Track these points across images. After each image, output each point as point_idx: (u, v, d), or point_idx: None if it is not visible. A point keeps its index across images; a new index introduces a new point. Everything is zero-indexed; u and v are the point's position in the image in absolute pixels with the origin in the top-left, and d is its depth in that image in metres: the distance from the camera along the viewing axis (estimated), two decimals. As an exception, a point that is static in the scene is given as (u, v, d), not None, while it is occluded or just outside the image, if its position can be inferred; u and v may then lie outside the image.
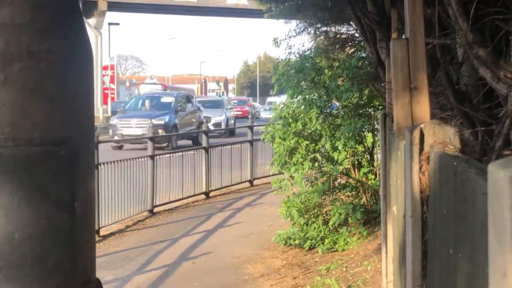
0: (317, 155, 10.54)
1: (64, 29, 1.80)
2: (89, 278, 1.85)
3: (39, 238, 1.70)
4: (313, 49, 11.60)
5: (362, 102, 10.37)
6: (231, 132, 34.87)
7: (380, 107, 9.50)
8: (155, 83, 66.76)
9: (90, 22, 42.18)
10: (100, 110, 42.73)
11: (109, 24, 53.61)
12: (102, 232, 11.60)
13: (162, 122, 28.88)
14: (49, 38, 1.75)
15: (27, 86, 1.71)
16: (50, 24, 1.76)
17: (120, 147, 26.11)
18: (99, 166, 11.58)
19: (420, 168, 2.81)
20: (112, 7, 45.96)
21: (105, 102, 48.35)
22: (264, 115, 59.59)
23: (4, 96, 1.69)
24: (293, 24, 12.20)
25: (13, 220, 1.68)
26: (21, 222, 1.68)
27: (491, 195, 1.27)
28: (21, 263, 1.68)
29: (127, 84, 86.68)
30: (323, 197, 10.22)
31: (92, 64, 1.91)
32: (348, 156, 10.09)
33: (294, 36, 11.84)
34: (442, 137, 2.74)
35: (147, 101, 31.94)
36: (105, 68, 51.55)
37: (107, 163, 12.00)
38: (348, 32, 11.42)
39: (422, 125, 2.82)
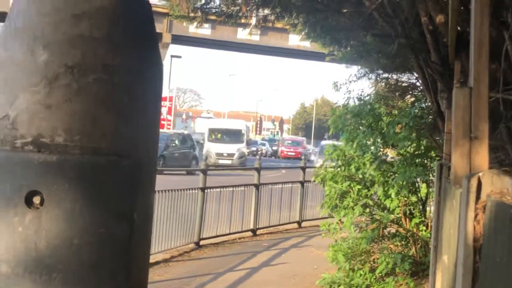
0: (369, 200, 10.47)
1: (139, 45, 1.86)
2: (141, 290, 1.88)
3: (97, 245, 1.73)
4: (372, 95, 11.60)
5: (419, 152, 10.29)
6: None
7: (437, 158, 9.41)
8: (210, 118, 67.57)
9: (159, 48, 42.88)
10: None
11: (172, 56, 54.48)
12: (148, 259, 11.65)
13: None
14: (123, 53, 1.80)
15: (99, 98, 1.76)
16: (126, 40, 1.82)
17: None
18: (151, 194, 11.66)
19: (475, 216, 2.78)
20: (176, 40, 46.70)
21: (161, 133, 49.03)
22: (314, 158, 59.31)
23: (76, 105, 1.75)
24: (354, 69, 12.23)
25: (74, 226, 1.72)
26: (81, 229, 1.72)
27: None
28: (78, 268, 1.72)
29: (184, 116, 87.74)
30: (371, 244, 10.14)
31: (162, 81, 1.96)
32: (400, 205, 10.01)
33: (354, 81, 11.87)
34: (500, 187, 2.72)
35: None
36: (163, 99, 52.20)
37: (157, 191, 12.10)
38: (409, 81, 11.41)
39: (480, 174, 2.80)
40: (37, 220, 1.72)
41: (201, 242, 13.92)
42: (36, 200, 1.72)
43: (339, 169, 10.69)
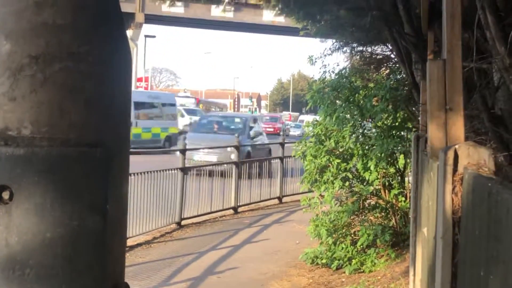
0: (348, 174, 10.50)
1: (105, 31, 1.81)
2: (118, 282, 1.85)
3: (71, 238, 1.70)
4: (348, 69, 11.59)
5: (396, 123, 10.32)
6: None
7: (413, 130, 9.45)
8: (188, 97, 67.15)
9: (127, 34, 42.62)
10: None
11: (146, 36, 54.12)
12: (129, 242, 11.63)
13: None
14: (89, 40, 1.76)
15: (66, 87, 1.72)
16: (91, 26, 1.77)
17: None
18: (129, 176, 11.58)
19: (453, 189, 2.78)
20: (149, 19, 46.40)
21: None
22: (293, 132, 58.94)
23: (43, 96, 1.70)
24: (329, 43, 12.22)
25: (45, 220, 1.68)
26: (53, 222, 1.69)
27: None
28: (51, 263, 1.69)
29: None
30: (352, 217, 10.18)
31: (130, 68, 1.92)
32: (379, 177, 10.05)
33: (329, 55, 11.86)
34: (477, 159, 2.72)
35: None
36: (139, 79, 51.95)
37: (137, 173, 12.05)
38: (384, 53, 11.41)
39: (456, 146, 2.79)
40: (7, 215, 1.68)
41: (183, 222, 13.90)
42: (5, 195, 1.68)
43: (321, 145, 10.69)
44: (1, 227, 1.68)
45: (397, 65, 10.14)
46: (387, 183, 10.30)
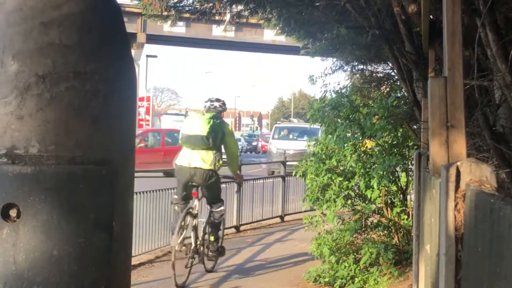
0: (350, 192, 10.48)
1: (110, 51, 1.84)
2: (123, 298, 1.87)
3: (77, 256, 1.72)
4: (349, 87, 11.61)
5: (397, 141, 10.33)
6: None
7: (415, 147, 9.45)
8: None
9: (131, 53, 42.73)
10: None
11: (147, 56, 54.28)
12: (132, 261, 11.58)
13: None
14: (95, 60, 1.78)
15: (72, 106, 1.74)
16: (97, 46, 1.80)
17: None
18: (132, 196, 11.58)
19: (456, 205, 2.79)
20: (151, 39, 46.53)
21: (139, 133, 48.91)
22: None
23: (49, 115, 1.73)
24: (329, 61, 12.25)
25: (52, 237, 1.70)
26: (60, 239, 1.70)
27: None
28: (58, 279, 1.70)
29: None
30: (354, 236, 10.15)
31: (135, 87, 1.95)
32: (381, 195, 10.03)
33: (330, 74, 11.88)
34: (479, 176, 2.73)
35: None
36: (141, 99, 52.03)
37: (138, 192, 12.04)
38: (385, 71, 11.43)
39: (458, 163, 2.80)
40: (14, 233, 1.70)
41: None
42: (13, 213, 1.70)
43: (322, 164, 10.68)
44: (9, 245, 1.70)
45: (398, 83, 10.17)
46: (389, 201, 10.28)
